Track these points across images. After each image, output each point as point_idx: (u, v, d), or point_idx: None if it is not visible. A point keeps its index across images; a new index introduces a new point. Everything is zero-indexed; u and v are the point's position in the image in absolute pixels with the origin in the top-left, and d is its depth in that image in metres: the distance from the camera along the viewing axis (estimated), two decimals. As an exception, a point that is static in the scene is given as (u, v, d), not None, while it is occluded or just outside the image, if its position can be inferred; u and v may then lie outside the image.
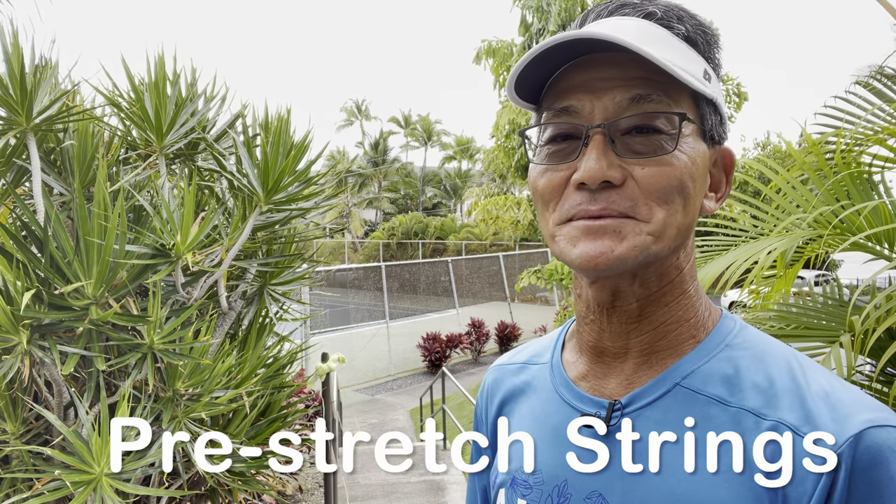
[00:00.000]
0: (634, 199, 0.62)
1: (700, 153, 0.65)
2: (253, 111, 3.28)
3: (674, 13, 0.66)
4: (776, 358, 0.64)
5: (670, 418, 0.62)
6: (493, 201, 13.35)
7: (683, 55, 0.64)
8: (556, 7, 12.09)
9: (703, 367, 0.64)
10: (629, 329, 0.67)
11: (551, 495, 0.69)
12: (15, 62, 2.35)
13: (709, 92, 0.65)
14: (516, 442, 0.76)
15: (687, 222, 0.65)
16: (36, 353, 2.17)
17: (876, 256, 2.00)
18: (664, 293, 0.66)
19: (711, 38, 0.67)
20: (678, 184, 0.62)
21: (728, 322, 0.69)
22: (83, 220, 2.22)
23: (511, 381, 0.82)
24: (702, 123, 0.66)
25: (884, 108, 2.26)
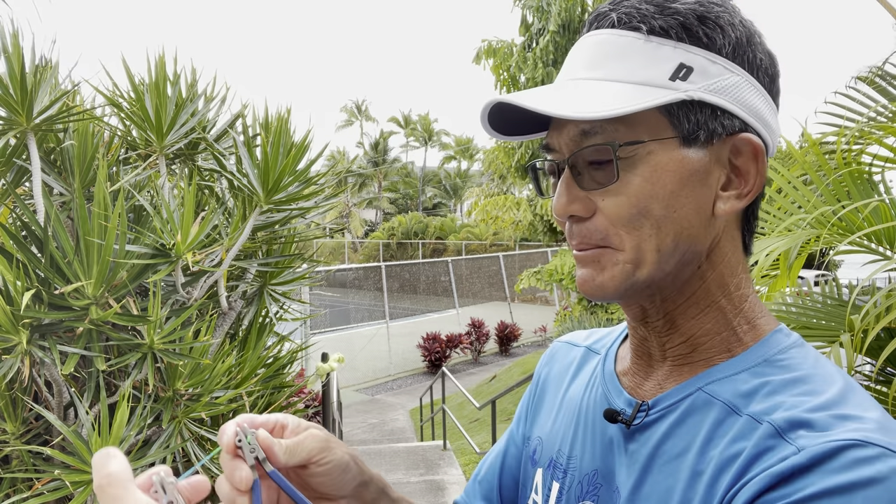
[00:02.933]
0: (605, 230, 0.64)
1: (673, 165, 0.62)
2: (253, 111, 3.28)
3: (636, 12, 0.63)
4: (816, 382, 0.59)
5: (687, 421, 0.63)
6: (492, 201, 13.35)
7: (646, 59, 0.62)
8: (556, 7, 12.08)
9: (731, 377, 0.62)
10: (663, 340, 0.68)
11: (581, 483, 0.71)
12: (15, 62, 2.35)
13: (669, 97, 0.61)
14: (557, 426, 0.79)
15: (669, 241, 0.62)
16: (36, 353, 2.17)
17: (876, 256, 2.00)
18: (689, 306, 0.66)
19: (695, 21, 0.62)
20: (637, 210, 0.62)
21: (779, 337, 0.65)
22: (83, 220, 2.22)
23: (567, 361, 0.85)
24: (678, 130, 0.62)
25: (886, 106, 2.26)
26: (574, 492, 0.72)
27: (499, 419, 8.00)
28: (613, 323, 11.53)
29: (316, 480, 0.66)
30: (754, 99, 0.63)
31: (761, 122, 0.64)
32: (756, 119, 0.64)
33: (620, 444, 0.68)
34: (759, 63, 0.64)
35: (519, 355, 15.39)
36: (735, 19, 0.64)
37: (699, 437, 0.60)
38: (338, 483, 0.68)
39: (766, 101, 0.64)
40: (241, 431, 0.61)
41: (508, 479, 0.87)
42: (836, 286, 2.25)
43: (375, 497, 0.72)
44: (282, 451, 0.62)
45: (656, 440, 0.64)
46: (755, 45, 0.64)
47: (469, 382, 12.78)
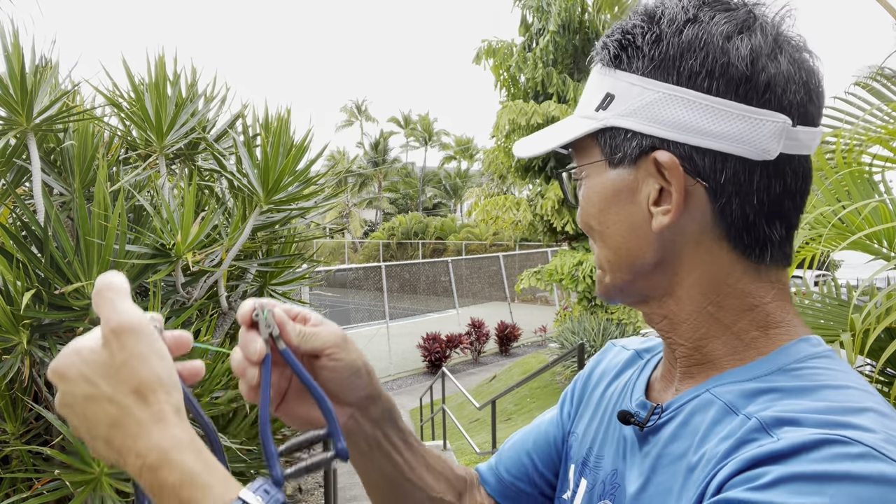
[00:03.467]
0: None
1: (601, 186, 0.68)
2: (253, 111, 3.29)
3: (601, 43, 0.68)
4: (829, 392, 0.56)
5: (691, 422, 0.63)
6: (492, 201, 13.33)
7: (592, 91, 0.68)
8: (555, 7, 12.07)
9: (740, 382, 0.61)
10: (669, 341, 0.69)
11: (604, 482, 0.72)
12: (15, 62, 2.35)
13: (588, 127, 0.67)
14: (592, 425, 0.81)
15: (613, 253, 0.68)
16: (36, 352, 2.17)
17: (876, 256, 2.00)
18: (680, 310, 0.66)
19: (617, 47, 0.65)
20: (584, 225, 0.71)
21: (802, 347, 0.63)
22: (83, 220, 2.22)
23: (614, 362, 0.86)
24: (604, 154, 0.67)
25: (882, 108, 2.26)
26: (597, 490, 0.73)
27: (499, 419, 7.99)
28: (613, 323, 11.53)
29: (325, 375, 0.69)
30: (678, 111, 0.62)
31: (691, 131, 0.62)
32: (680, 131, 0.62)
33: (635, 445, 0.69)
34: (707, 69, 0.61)
35: (519, 355, 15.39)
36: (668, 29, 0.63)
37: (697, 436, 0.61)
38: (346, 385, 0.70)
39: (704, 108, 0.61)
40: (259, 307, 0.65)
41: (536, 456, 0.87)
42: (835, 286, 2.25)
43: (380, 417, 0.74)
44: (295, 332, 0.66)
45: (664, 442, 0.65)
46: (697, 50, 0.61)
47: (469, 382, 12.78)
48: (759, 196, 0.62)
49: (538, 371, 6.48)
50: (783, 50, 0.62)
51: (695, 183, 0.62)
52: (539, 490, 0.86)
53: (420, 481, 0.78)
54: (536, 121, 11.70)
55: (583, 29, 12.51)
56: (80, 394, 0.54)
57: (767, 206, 0.62)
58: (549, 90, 12.36)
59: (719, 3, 0.64)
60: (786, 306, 0.66)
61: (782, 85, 0.61)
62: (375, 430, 0.74)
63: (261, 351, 0.64)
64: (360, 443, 0.74)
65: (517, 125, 12.01)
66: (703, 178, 0.62)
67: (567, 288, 12.26)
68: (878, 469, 0.47)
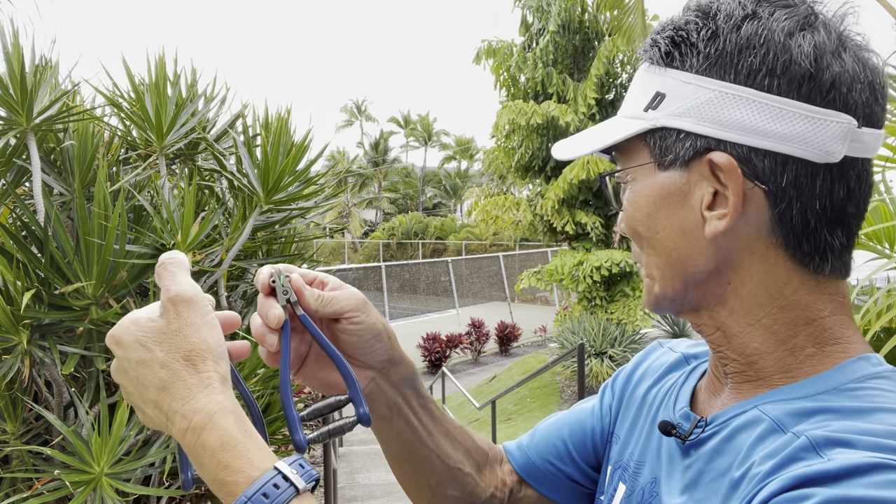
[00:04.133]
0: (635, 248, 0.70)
1: (650, 189, 0.65)
2: (253, 111, 3.29)
3: (651, 40, 0.65)
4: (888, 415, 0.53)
5: (737, 438, 0.60)
6: (492, 201, 13.32)
7: (640, 90, 0.65)
8: (555, 7, 12.07)
9: (791, 399, 0.59)
10: (720, 354, 0.66)
11: (644, 489, 0.70)
12: (15, 62, 2.35)
13: (639, 127, 0.64)
14: (633, 428, 0.79)
15: (664, 260, 0.65)
16: (36, 353, 2.17)
17: (874, 255, 2.00)
18: (734, 321, 0.64)
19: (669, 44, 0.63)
20: (631, 231, 0.67)
21: (861, 365, 0.59)
22: (83, 220, 2.22)
23: (658, 363, 0.84)
24: (653, 156, 0.64)
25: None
26: (636, 497, 0.71)
27: (499, 419, 7.99)
28: (613, 323, 11.53)
29: (346, 339, 0.69)
30: (735, 111, 0.59)
31: (749, 132, 0.59)
32: (737, 132, 0.59)
33: (677, 457, 0.67)
34: (768, 66, 0.58)
35: (519, 355, 15.39)
36: (725, 25, 0.60)
37: (741, 453, 0.58)
38: (366, 348, 0.70)
39: (763, 107, 0.58)
40: (275, 273, 0.66)
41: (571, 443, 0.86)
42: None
43: (401, 381, 0.74)
44: (313, 297, 0.67)
45: (707, 457, 0.62)
46: (756, 47, 0.59)
47: (469, 382, 12.77)
48: (821, 201, 0.58)
49: (538, 371, 6.48)
50: (847, 48, 0.59)
51: (753, 186, 0.59)
52: (569, 476, 0.85)
53: (438, 448, 0.78)
54: (536, 121, 11.70)
55: (583, 29, 12.51)
56: (134, 358, 0.58)
57: (829, 213, 0.59)
58: (549, 90, 12.36)
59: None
60: (845, 321, 0.62)
61: (847, 84, 0.58)
62: (395, 395, 0.74)
63: (279, 317, 0.64)
64: (380, 406, 0.74)
65: (517, 125, 12.01)
66: (762, 182, 0.59)
67: (567, 288, 12.26)
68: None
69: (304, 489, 0.53)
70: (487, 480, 0.84)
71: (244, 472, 0.52)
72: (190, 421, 0.54)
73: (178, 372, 0.56)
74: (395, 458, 0.79)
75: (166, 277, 0.60)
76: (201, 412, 0.54)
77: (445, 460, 0.79)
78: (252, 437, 0.55)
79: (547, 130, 12.17)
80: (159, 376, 0.56)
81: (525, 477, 0.87)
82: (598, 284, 11.82)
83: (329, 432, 0.66)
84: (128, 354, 0.58)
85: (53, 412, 2.40)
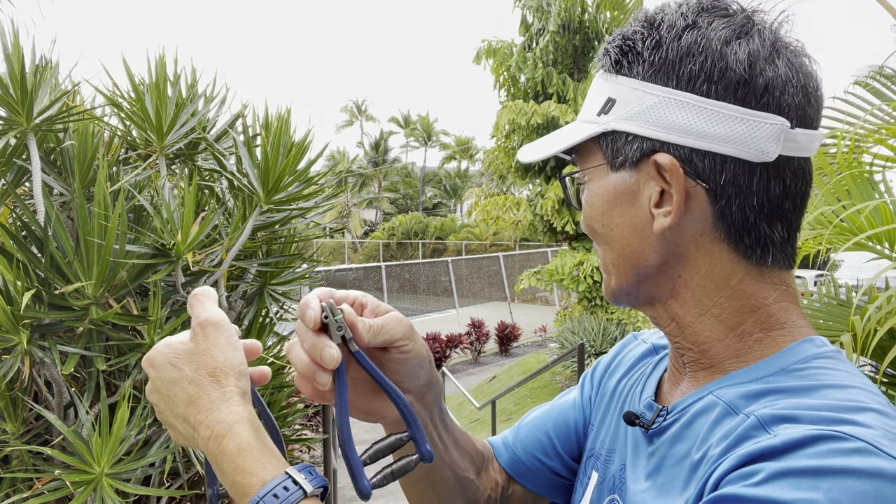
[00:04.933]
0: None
1: (603, 189, 0.68)
2: (253, 111, 3.28)
3: (604, 48, 0.69)
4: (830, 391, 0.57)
5: (694, 424, 0.64)
6: (492, 201, 13.32)
7: (594, 96, 0.69)
8: (555, 7, 12.07)
9: (743, 383, 0.62)
10: (677, 344, 0.70)
11: (614, 476, 0.73)
12: (15, 62, 2.35)
13: (590, 131, 0.68)
14: (605, 417, 0.82)
15: (618, 256, 0.68)
16: (36, 353, 2.16)
17: (875, 255, 2.00)
18: (686, 312, 0.67)
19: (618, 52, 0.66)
20: (588, 228, 0.72)
21: (805, 347, 0.63)
22: (83, 220, 2.22)
23: (631, 354, 0.87)
24: (606, 157, 0.68)
25: (882, 108, 2.26)
26: (607, 484, 0.74)
27: (499, 419, 8.00)
28: (613, 323, 11.53)
29: (391, 367, 0.69)
30: (678, 115, 0.62)
31: (691, 134, 0.62)
32: (680, 134, 0.62)
33: (642, 445, 0.70)
34: (706, 73, 0.62)
35: (519, 355, 15.39)
36: (668, 35, 0.64)
37: (699, 437, 0.61)
38: (411, 375, 0.71)
39: (703, 111, 0.62)
40: (327, 308, 0.63)
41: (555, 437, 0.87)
42: (834, 287, 2.24)
43: (433, 402, 0.76)
44: (366, 329, 0.66)
45: (668, 443, 0.66)
46: (695, 55, 0.62)
47: (469, 382, 12.77)
48: (758, 197, 0.63)
49: (538, 371, 6.49)
50: (781, 54, 0.63)
51: (695, 185, 0.63)
52: (553, 470, 0.87)
53: (450, 461, 0.80)
54: (536, 121, 11.70)
55: (583, 29, 12.51)
56: (166, 378, 0.63)
57: (767, 208, 0.63)
58: (549, 90, 12.36)
59: (718, 9, 0.65)
60: (789, 308, 0.66)
61: (780, 88, 0.62)
62: (426, 416, 0.75)
63: (338, 358, 0.62)
64: None
65: (517, 125, 12.01)
66: (703, 180, 0.63)
67: (567, 288, 12.26)
68: (874, 464, 0.48)
69: (311, 493, 0.57)
70: (485, 483, 0.85)
71: (257, 476, 0.56)
72: (213, 430, 0.59)
73: (204, 387, 0.61)
74: (414, 478, 0.79)
75: (197, 306, 0.65)
76: (223, 422, 0.59)
77: (455, 470, 0.80)
78: (267, 445, 0.59)
79: (547, 130, 12.17)
80: (188, 392, 0.61)
81: (512, 473, 0.88)
82: (598, 284, 11.82)
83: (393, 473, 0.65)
84: (161, 375, 0.63)
85: (53, 412, 2.39)
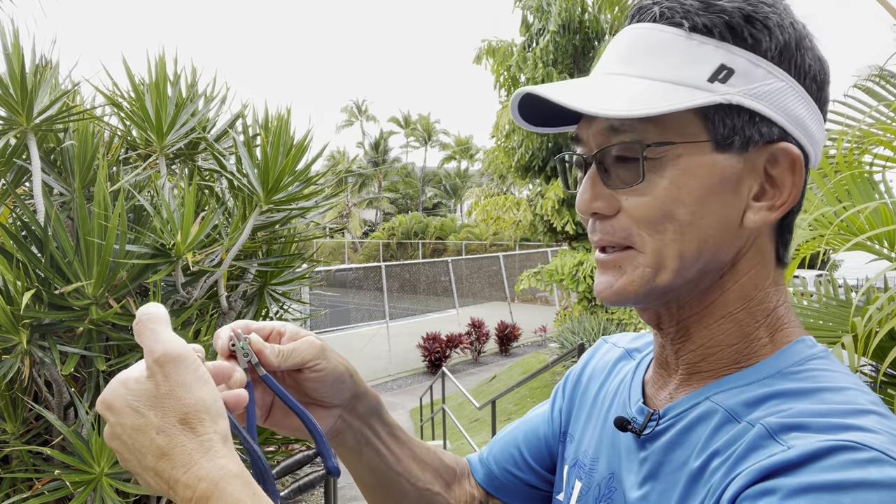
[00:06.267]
0: (628, 229, 0.61)
1: (705, 171, 0.59)
2: (253, 111, 3.28)
3: (679, 7, 0.60)
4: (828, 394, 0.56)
5: (694, 430, 0.62)
6: (492, 201, 13.32)
7: (685, 58, 0.59)
8: (556, 7, 12.07)
9: (741, 387, 0.60)
10: (676, 347, 0.67)
11: (599, 484, 0.71)
12: (15, 62, 2.35)
13: (705, 99, 0.58)
14: (587, 426, 0.79)
15: (693, 248, 0.60)
16: (36, 353, 2.16)
17: (876, 256, 2.00)
18: (704, 316, 0.64)
19: (741, 20, 0.59)
20: (660, 213, 0.60)
21: (799, 348, 0.62)
22: (83, 220, 2.22)
23: (605, 360, 0.85)
24: (711, 134, 0.59)
25: (882, 110, 2.26)
26: (592, 493, 0.72)
27: (499, 419, 7.99)
28: (614, 323, 11.53)
29: (310, 386, 0.70)
30: (798, 107, 0.60)
31: (804, 131, 0.60)
32: (798, 128, 0.60)
33: (633, 451, 0.68)
34: (808, 69, 0.60)
35: (519, 355, 15.39)
36: (785, 21, 0.60)
37: (699, 444, 0.60)
38: (332, 391, 0.71)
39: (810, 109, 0.60)
40: (234, 336, 0.66)
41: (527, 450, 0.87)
42: (833, 287, 2.24)
43: (367, 413, 0.75)
44: (273, 354, 0.66)
45: (664, 449, 0.63)
46: (805, 48, 0.60)
47: (469, 382, 12.77)
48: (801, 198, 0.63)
49: (538, 371, 6.48)
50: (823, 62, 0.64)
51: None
52: (527, 483, 0.86)
53: (406, 472, 0.79)
54: (536, 121, 11.68)
55: (583, 29, 12.51)
56: (128, 425, 0.54)
57: (797, 207, 0.63)
58: (550, 90, 12.34)
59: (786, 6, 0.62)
60: (788, 307, 0.65)
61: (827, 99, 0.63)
62: (363, 426, 0.75)
63: (241, 380, 0.64)
64: (348, 439, 0.75)
65: (517, 125, 11.99)
66: None
67: (567, 288, 12.26)
68: (888, 474, 0.47)
69: None
70: (457, 497, 0.85)
71: None
72: (195, 490, 0.51)
73: (176, 437, 0.53)
74: (368, 487, 0.80)
75: (147, 336, 0.56)
76: (205, 479, 0.52)
77: (415, 483, 0.80)
78: (260, 500, 0.53)
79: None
80: (157, 443, 0.53)
81: (489, 489, 0.88)
82: (598, 284, 11.81)
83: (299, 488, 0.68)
84: (121, 420, 0.55)
85: (53, 412, 2.39)
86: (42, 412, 2.19)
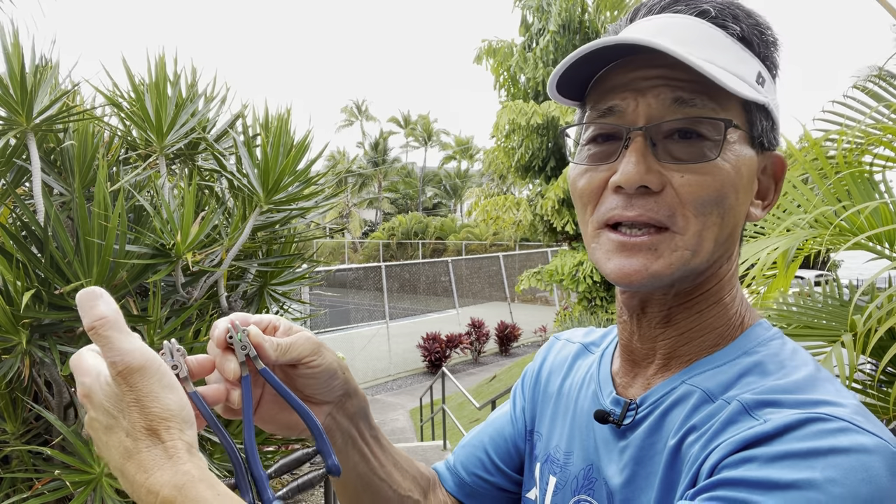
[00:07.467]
0: (672, 208, 0.60)
1: (746, 161, 0.62)
2: (253, 111, 3.28)
3: (729, 11, 0.62)
4: (790, 370, 0.61)
5: (672, 413, 0.64)
6: (493, 201, 13.32)
7: (735, 57, 0.61)
8: (556, 7, 12.08)
9: (713, 369, 0.64)
10: (656, 334, 0.68)
11: (577, 477, 0.73)
12: (15, 62, 2.35)
13: (760, 98, 0.61)
14: (554, 422, 0.80)
15: (725, 234, 0.62)
16: (36, 353, 2.16)
17: (878, 256, 2.00)
18: (697, 301, 0.66)
19: (769, 38, 0.64)
20: (717, 195, 0.60)
21: (759, 331, 0.66)
22: (83, 220, 2.22)
23: (562, 357, 0.86)
24: (750, 129, 0.63)
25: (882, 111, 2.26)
26: (570, 486, 0.73)
27: (499, 419, 7.99)
28: (613, 323, 11.52)
29: (303, 382, 0.69)
30: (776, 120, 0.67)
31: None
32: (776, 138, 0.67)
33: (613, 441, 0.69)
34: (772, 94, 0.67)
35: (519, 355, 15.39)
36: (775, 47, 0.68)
37: (676, 424, 0.62)
38: (324, 388, 0.71)
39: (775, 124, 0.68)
40: (232, 328, 0.64)
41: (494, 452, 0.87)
42: (838, 286, 2.24)
43: (356, 413, 0.75)
44: (272, 348, 0.65)
45: (645, 436, 0.65)
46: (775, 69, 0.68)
47: (469, 382, 12.77)
48: None
49: (538, 371, 6.49)
50: None
51: None
52: (497, 486, 0.87)
53: (389, 478, 0.79)
54: (536, 121, 11.70)
55: (583, 29, 12.51)
56: (102, 422, 0.55)
57: None
58: (550, 90, 12.35)
59: None
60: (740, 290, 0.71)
61: None
62: (350, 426, 0.75)
63: (236, 371, 0.63)
64: (336, 438, 0.75)
65: (517, 125, 12.00)
66: None
67: (567, 288, 12.26)
68: (856, 440, 0.51)
69: None
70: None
71: None
72: (157, 496, 0.51)
73: (142, 442, 0.53)
74: (352, 490, 0.79)
75: (104, 347, 0.54)
76: (168, 485, 0.51)
77: (397, 489, 0.79)
78: (226, 498, 0.52)
79: (547, 130, 12.17)
80: (125, 445, 0.54)
81: (460, 496, 0.88)
82: (598, 285, 11.82)
83: (298, 487, 0.66)
84: (97, 415, 0.55)
85: (53, 412, 2.39)
86: (42, 412, 2.19)
